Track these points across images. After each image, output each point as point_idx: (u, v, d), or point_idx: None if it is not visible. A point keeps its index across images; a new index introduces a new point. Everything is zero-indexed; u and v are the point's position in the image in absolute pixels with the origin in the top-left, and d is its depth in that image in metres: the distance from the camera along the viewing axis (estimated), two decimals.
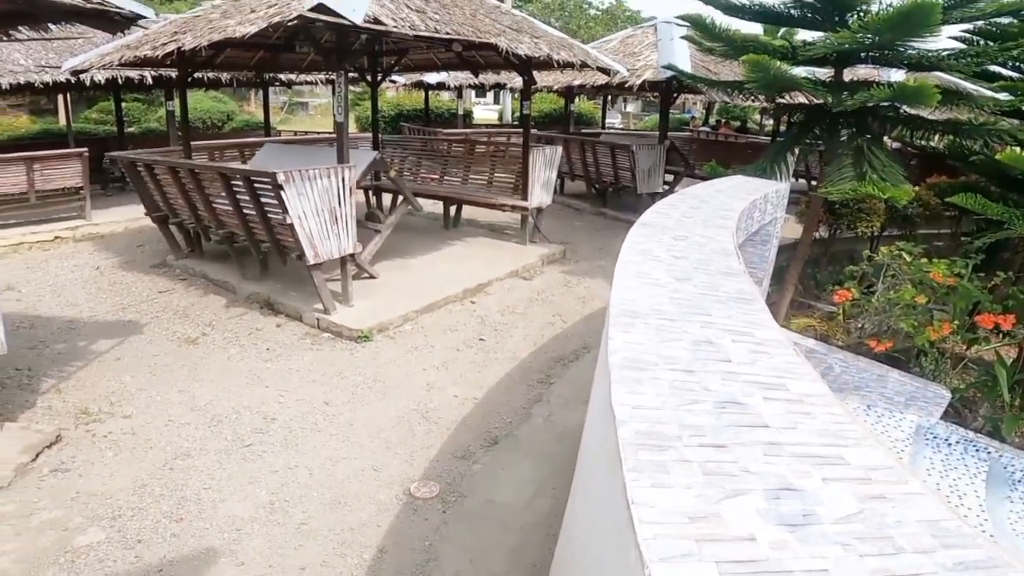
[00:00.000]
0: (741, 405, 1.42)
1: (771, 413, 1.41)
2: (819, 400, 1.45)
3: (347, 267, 5.76)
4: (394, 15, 4.89)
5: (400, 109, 19.06)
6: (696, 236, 2.83)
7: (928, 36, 5.28)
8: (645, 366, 1.55)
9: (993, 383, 4.84)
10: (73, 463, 3.81)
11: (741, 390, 1.48)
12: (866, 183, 5.39)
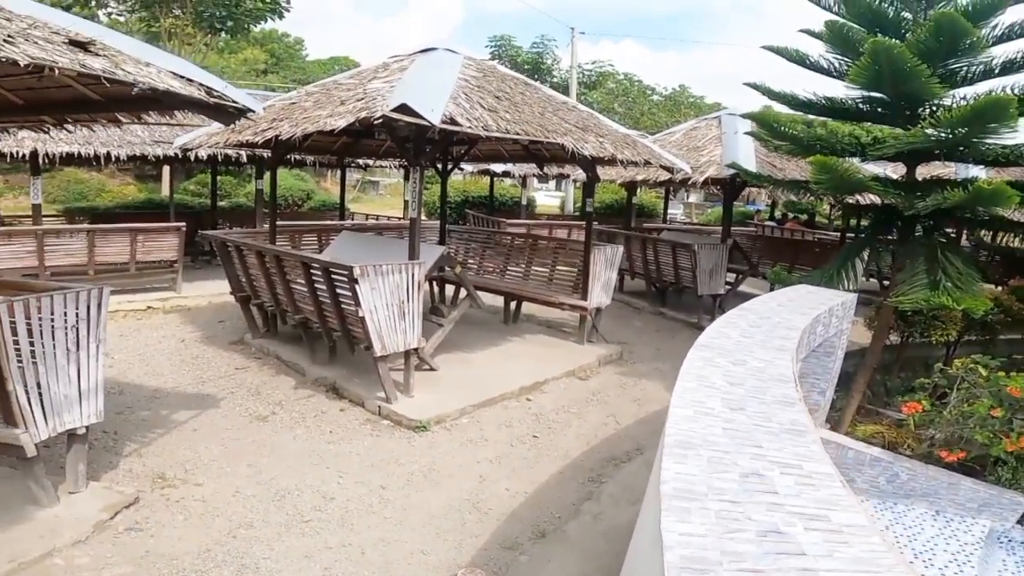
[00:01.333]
0: (782, 534, 1.47)
1: (809, 542, 1.46)
2: (859, 531, 1.48)
3: (410, 360, 5.95)
4: (468, 115, 5.24)
5: (466, 195, 19.85)
6: (754, 361, 2.84)
7: (1006, 131, 5.23)
8: (695, 496, 1.62)
9: None
10: (147, 524, 4.06)
11: (783, 520, 1.52)
12: (940, 293, 5.25)
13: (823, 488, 1.68)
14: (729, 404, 2.24)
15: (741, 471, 1.75)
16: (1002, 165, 6.06)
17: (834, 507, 1.58)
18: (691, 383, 2.43)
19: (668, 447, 1.86)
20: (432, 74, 6.08)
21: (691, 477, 1.70)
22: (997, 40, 5.63)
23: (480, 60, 7.33)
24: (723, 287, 10.49)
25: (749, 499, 1.61)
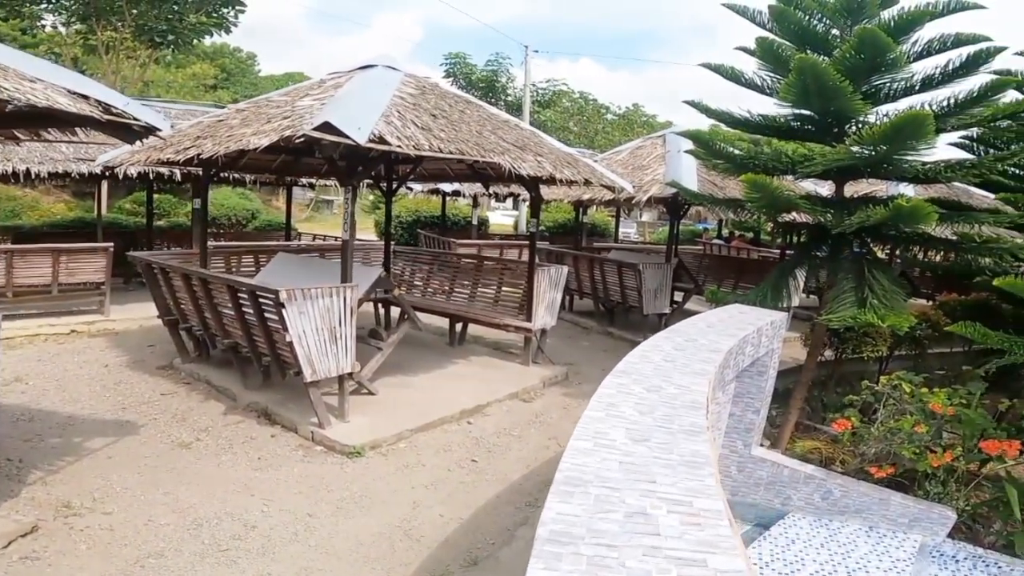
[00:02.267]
0: None
1: None
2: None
3: (344, 384, 5.79)
4: (400, 133, 5.15)
5: (418, 215, 19.71)
6: (671, 386, 2.80)
7: (924, 148, 5.36)
8: (571, 540, 1.54)
9: (1004, 502, 4.68)
10: (44, 553, 3.85)
11: (658, 567, 1.45)
12: (866, 310, 5.35)
13: (708, 528, 1.62)
14: (633, 435, 2.18)
15: (627, 510, 1.69)
16: (923, 182, 6.22)
17: (714, 550, 1.52)
18: (599, 412, 2.36)
19: (556, 484, 1.79)
20: (367, 92, 5.99)
21: (572, 518, 1.62)
22: (917, 56, 5.76)
23: (422, 78, 7.26)
24: (669, 306, 10.58)
25: (628, 542, 1.54)
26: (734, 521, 1.72)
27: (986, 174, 5.70)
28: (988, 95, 5.38)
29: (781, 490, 5.28)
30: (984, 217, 5.70)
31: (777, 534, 4.84)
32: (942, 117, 5.58)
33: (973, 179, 5.93)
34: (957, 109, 5.53)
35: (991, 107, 5.49)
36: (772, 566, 4.35)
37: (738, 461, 5.42)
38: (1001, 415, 6.39)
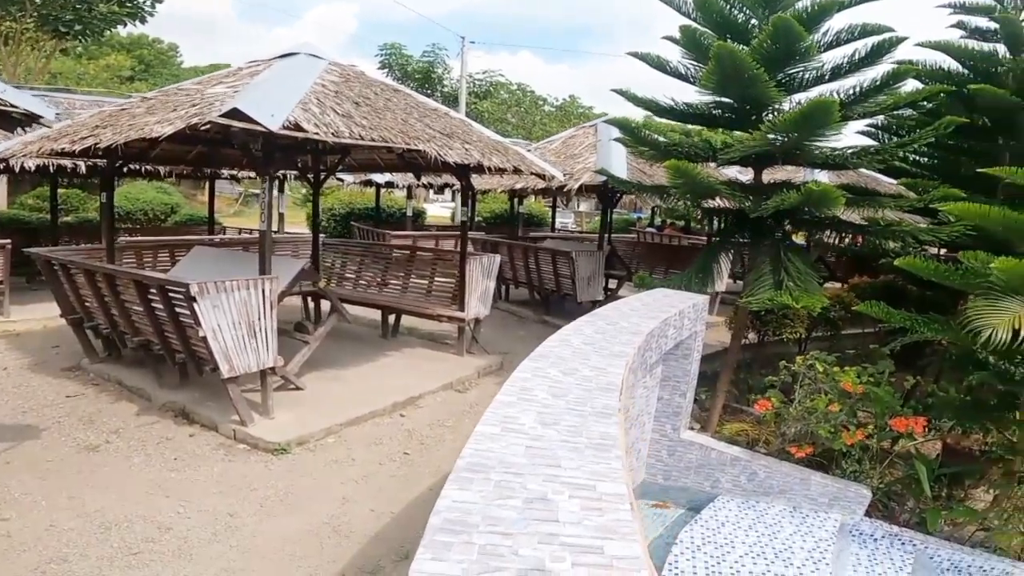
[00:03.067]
0: (544, 573, 1.37)
1: None
2: (629, 565, 1.40)
3: (267, 380, 5.58)
4: (318, 120, 4.99)
5: (352, 207, 19.26)
6: (587, 369, 2.80)
7: (832, 134, 5.58)
8: (465, 528, 1.50)
9: (916, 479, 4.91)
10: None
11: (552, 555, 1.43)
12: (782, 292, 5.54)
13: (608, 513, 1.61)
14: (543, 419, 2.16)
15: (528, 496, 1.66)
16: (833, 168, 6.46)
17: (613, 536, 1.51)
18: (510, 397, 2.33)
19: (456, 471, 1.75)
20: (286, 79, 5.79)
21: (469, 506, 1.58)
22: (828, 46, 5.95)
23: (347, 66, 7.08)
24: (602, 293, 10.72)
25: (524, 530, 1.52)
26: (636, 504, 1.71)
27: (889, 160, 5.99)
28: (890, 83, 5.64)
29: (710, 473, 5.41)
30: (887, 202, 5.99)
31: (708, 517, 4.95)
32: (849, 105, 5.82)
33: (878, 165, 6.23)
34: (862, 97, 5.78)
35: (893, 95, 5.76)
36: (704, 549, 4.43)
37: (668, 445, 5.52)
38: (910, 392, 6.76)
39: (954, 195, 5.43)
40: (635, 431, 5.17)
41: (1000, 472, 5.16)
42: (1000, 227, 4.59)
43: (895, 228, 5.84)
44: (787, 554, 4.42)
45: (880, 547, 4.84)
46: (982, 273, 4.38)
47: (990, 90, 5.95)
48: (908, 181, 6.85)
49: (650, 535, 5.02)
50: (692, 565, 4.20)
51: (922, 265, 4.80)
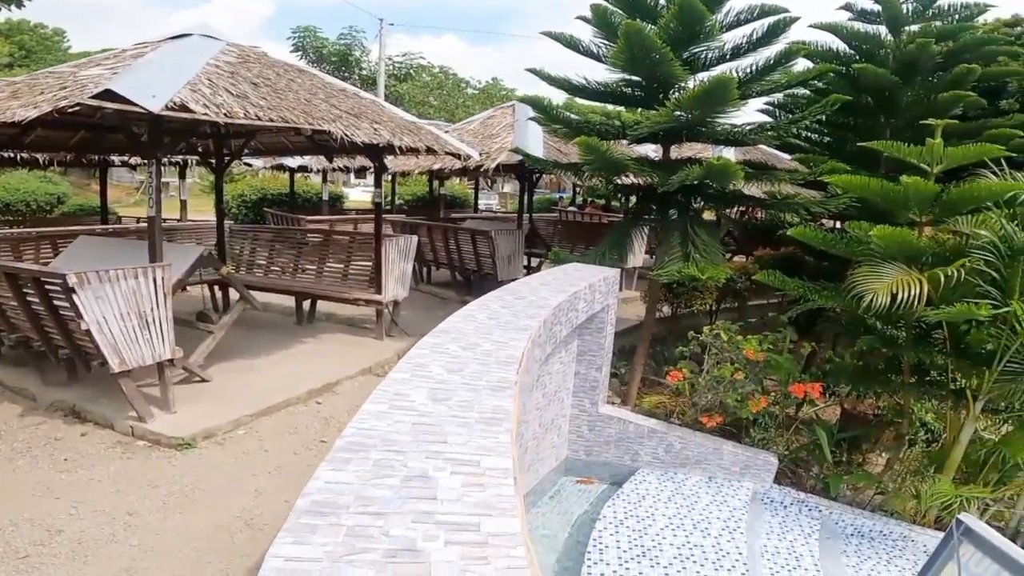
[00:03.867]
0: (415, 552, 1.34)
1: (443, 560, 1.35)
2: (505, 542, 1.39)
3: (165, 373, 5.28)
4: (208, 101, 4.74)
5: (264, 193, 18.45)
6: (488, 343, 2.77)
7: (732, 111, 5.79)
8: (334, 510, 1.45)
9: (819, 445, 5.15)
10: None
11: (425, 534, 1.40)
12: (689, 265, 5.72)
13: (490, 488, 1.60)
14: (435, 395, 2.12)
15: (408, 474, 1.63)
16: (734, 143, 6.71)
17: (491, 512, 1.50)
18: (404, 374, 2.27)
19: (334, 451, 1.69)
20: (174, 60, 5.53)
21: (342, 487, 1.53)
22: (729, 26, 6.16)
23: (248, 47, 6.81)
24: (522, 271, 10.76)
25: (399, 509, 1.49)
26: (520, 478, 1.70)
27: (784, 136, 6.30)
28: (783, 62, 5.90)
29: (629, 446, 5.53)
30: (783, 175, 6.28)
31: (629, 491, 5.05)
32: (747, 83, 6.05)
33: (773, 141, 6.53)
34: (759, 75, 6.01)
35: (786, 74, 6.04)
36: (627, 524, 4.53)
37: (588, 420, 5.60)
38: (810, 359, 7.15)
39: (840, 169, 5.75)
40: (554, 407, 5.22)
41: (891, 435, 5.53)
42: (880, 198, 4.89)
43: (790, 201, 6.14)
44: (704, 524, 4.58)
45: (790, 514, 5.06)
46: (864, 241, 4.66)
47: (872, 69, 6.31)
48: (801, 156, 7.22)
49: (575, 512, 5.11)
50: (616, 540, 4.29)
51: (811, 234, 5.06)
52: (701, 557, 4.13)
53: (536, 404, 4.72)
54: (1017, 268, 4.15)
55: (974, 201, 4.60)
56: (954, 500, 4.22)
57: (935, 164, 4.80)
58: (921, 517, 4.97)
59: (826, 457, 5.12)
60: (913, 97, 7.05)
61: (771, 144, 6.90)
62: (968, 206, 4.68)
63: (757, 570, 4.25)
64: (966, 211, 4.75)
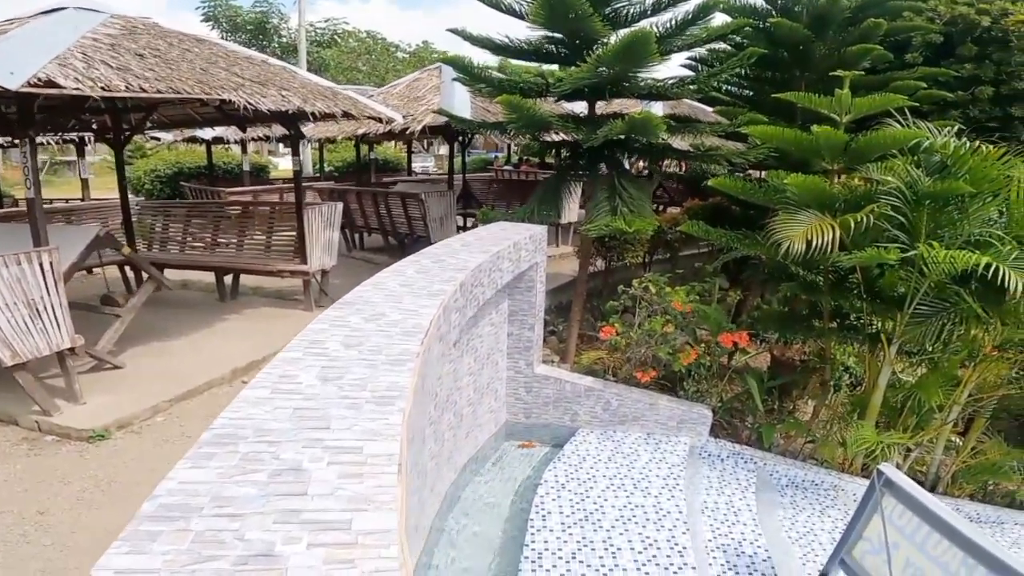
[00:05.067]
0: (271, 558, 1.22)
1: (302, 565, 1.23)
2: (377, 540, 1.27)
3: (67, 362, 4.93)
4: (81, 75, 4.36)
5: (180, 167, 17.42)
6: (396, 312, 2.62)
7: (653, 65, 5.71)
8: (182, 514, 1.30)
9: (751, 394, 5.25)
10: None
11: (286, 536, 1.28)
12: (616, 218, 5.66)
13: (369, 479, 1.48)
14: (327, 374, 1.97)
15: (278, 467, 1.49)
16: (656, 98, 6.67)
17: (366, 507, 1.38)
18: (296, 353, 2.11)
19: (197, 446, 1.54)
20: (45, 35, 5.07)
21: (198, 486, 1.39)
22: None
23: (137, 18, 6.35)
24: (455, 232, 10.57)
25: (260, 509, 1.35)
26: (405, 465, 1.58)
27: (705, 90, 6.30)
28: (701, 16, 5.84)
29: (568, 406, 5.49)
30: (704, 127, 6.30)
31: (570, 452, 5.02)
32: (667, 39, 5.97)
33: (696, 95, 6.52)
34: (678, 30, 5.94)
35: (706, 29, 5.99)
36: (568, 487, 4.49)
37: (525, 382, 5.54)
38: (740, 308, 7.29)
39: (758, 120, 5.78)
40: (488, 371, 5.13)
41: (817, 382, 5.69)
42: (794, 147, 4.96)
43: (713, 152, 6.16)
44: (644, 483, 4.59)
45: (727, 467, 5.14)
46: (781, 190, 4.73)
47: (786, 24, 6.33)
48: (723, 109, 7.26)
49: (519, 477, 5.05)
50: (558, 506, 4.26)
51: (730, 184, 5.09)
52: (643, 518, 4.14)
53: (468, 369, 4.62)
54: (923, 212, 4.26)
55: (881, 148, 4.70)
56: (876, 447, 4.33)
57: (844, 114, 4.91)
58: (849, 465, 5.16)
59: (758, 406, 5.21)
60: (825, 51, 7.17)
61: (694, 98, 6.92)
62: (875, 153, 4.80)
63: (697, 527, 4.30)
64: (874, 158, 4.88)
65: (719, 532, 4.26)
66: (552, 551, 3.76)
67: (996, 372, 4.71)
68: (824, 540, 4.45)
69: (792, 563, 4.17)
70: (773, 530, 4.53)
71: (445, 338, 2.82)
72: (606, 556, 3.73)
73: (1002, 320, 4.37)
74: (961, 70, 11.82)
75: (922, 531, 3.04)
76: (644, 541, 3.88)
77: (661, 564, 3.64)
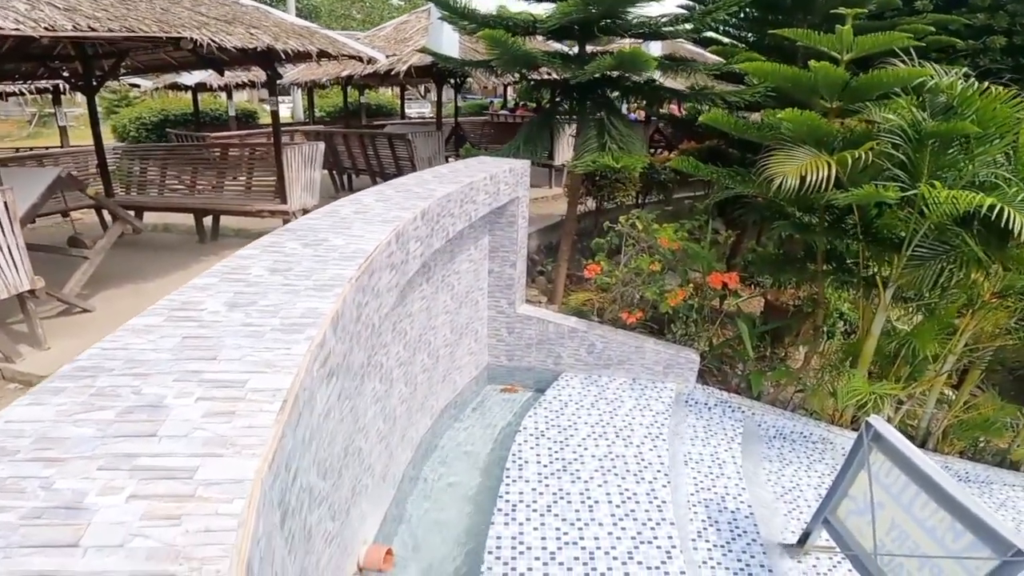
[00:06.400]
0: (76, 511, 1.04)
1: (111, 521, 1.04)
2: (220, 493, 1.09)
3: (28, 306, 4.75)
4: (22, 16, 4.08)
5: (166, 114, 17.04)
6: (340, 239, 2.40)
7: (644, 3, 5.39)
8: (9, 453, 1.10)
9: (741, 339, 5.06)
10: None
11: (105, 486, 1.10)
12: (604, 155, 5.41)
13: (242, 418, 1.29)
14: (237, 300, 1.77)
15: (133, 404, 1.30)
16: (649, 37, 6.35)
17: (223, 451, 1.20)
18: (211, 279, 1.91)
19: (49, 379, 1.34)
20: None
21: (23, 426, 1.20)
22: None
23: None
24: None
25: (89, 452, 1.17)
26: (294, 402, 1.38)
27: (700, 28, 5.98)
28: None
29: (551, 349, 5.30)
30: (699, 66, 5.99)
31: (552, 398, 4.84)
32: None
33: (692, 35, 6.18)
34: None
35: None
36: (548, 435, 4.32)
37: (507, 322, 5.35)
38: (735, 250, 7.06)
39: (754, 58, 5.48)
40: (467, 310, 4.94)
41: (810, 328, 5.50)
42: (791, 84, 4.69)
43: (707, 92, 5.85)
44: (627, 432, 4.41)
45: (713, 416, 4.96)
46: (775, 127, 4.48)
47: None
48: (720, 49, 6.91)
49: (499, 423, 4.90)
50: (536, 454, 4.08)
51: (723, 119, 4.83)
52: (623, 469, 3.98)
53: (444, 307, 4.43)
54: (925, 153, 4.03)
55: (882, 87, 4.48)
56: (868, 398, 4.20)
57: (845, 52, 4.67)
58: (839, 417, 5.02)
59: (748, 352, 5.02)
60: None
61: (690, 38, 6.56)
62: (876, 92, 4.58)
63: (679, 480, 4.14)
64: (874, 97, 4.66)
65: (702, 486, 4.11)
66: (527, 503, 3.62)
67: (994, 321, 4.52)
68: (810, 497, 4.32)
69: (775, 520, 4.03)
70: (758, 484, 4.40)
71: (401, 269, 2.61)
72: (582, 509, 3.59)
73: (1004, 265, 4.20)
74: (973, 19, 11.33)
75: (909, 491, 2.90)
76: (623, 494, 3.73)
77: (639, 519, 3.50)
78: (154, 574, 0.96)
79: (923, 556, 2.75)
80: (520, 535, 3.35)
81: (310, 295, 1.78)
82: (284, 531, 1.41)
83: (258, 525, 1.10)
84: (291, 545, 1.53)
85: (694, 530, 3.67)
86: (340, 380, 1.81)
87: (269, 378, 1.39)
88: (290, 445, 1.34)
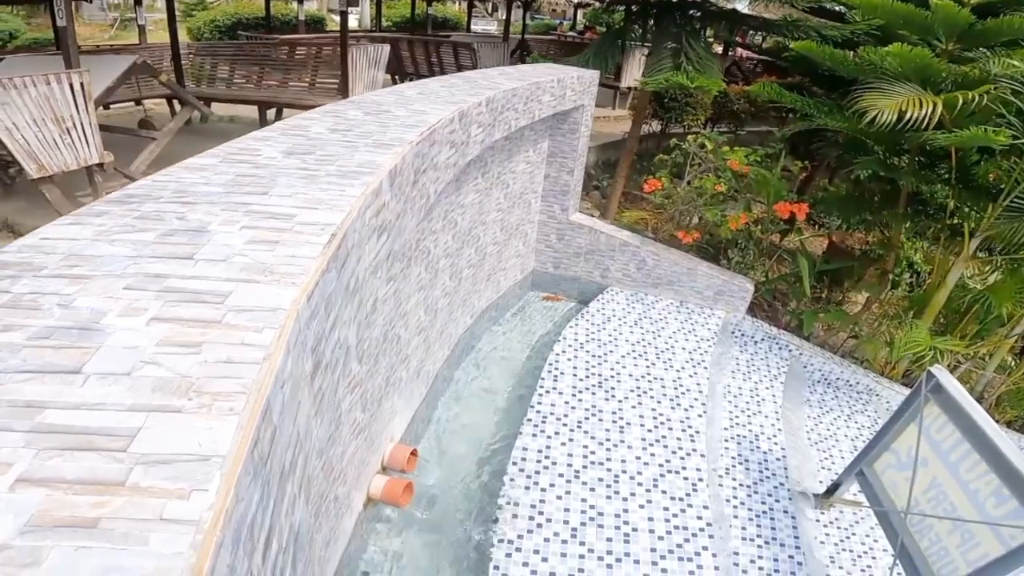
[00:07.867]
0: (91, 332, 0.99)
1: (127, 345, 0.98)
2: (250, 321, 1.02)
3: (95, 179, 4.95)
4: None
5: (238, 18, 17.28)
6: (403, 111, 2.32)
7: None
8: (20, 272, 1.09)
9: (800, 278, 4.85)
10: None
11: (127, 307, 1.04)
12: (679, 73, 5.12)
13: (286, 247, 1.22)
14: (294, 149, 1.73)
15: (174, 228, 1.25)
16: None
17: (262, 278, 1.13)
18: (272, 132, 1.86)
19: (96, 203, 1.32)
20: None
21: (56, 243, 1.16)
22: None
23: None
24: None
25: (117, 271, 1.10)
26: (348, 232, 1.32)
27: None
28: None
29: (600, 260, 5.18)
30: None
31: (595, 310, 4.73)
32: None
33: None
34: None
35: None
36: (587, 348, 4.22)
37: (557, 228, 5.24)
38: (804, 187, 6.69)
39: None
40: (519, 210, 4.85)
41: (875, 273, 5.22)
42: (901, 20, 4.28)
43: (800, 23, 5.40)
44: (668, 355, 4.28)
45: (759, 351, 4.78)
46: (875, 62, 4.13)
47: None
48: None
49: (538, 331, 4.84)
50: (572, 366, 3.99)
51: (817, 49, 4.47)
52: (659, 392, 3.87)
53: (497, 205, 4.35)
54: None
55: (1012, 33, 4.01)
56: (927, 352, 3.97)
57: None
58: (891, 368, 4.79)
59: (804, 290, 4.81)
60: None
61: None
62: (1004, 38, 4.12)
63: (716, 412, 4.03)
64: (998, 43, 4.21)
65: (737, 421, 3.98)
66: (558, 416, 3.56)
67: None
68: (845, 448, 4.14)
69: (807, 467, 3.88)
70: (795, 428, 4.24)
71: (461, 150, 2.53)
72: (613, 429, 3.51)
73: None
74: None
75: (960, 449, 2.72)
76: (657, 419, 3.65)
77: (670, 446, 3.42)
78: (156, 408, 0.87)
79: (958, 519, 2.61)
80: (547, 448, 3.31)
81: (369, 150, 1.73)
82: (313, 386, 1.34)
83: (285, 363, 1.01)
84: (319, 407, 1.46)
85: (723, 466, 3.56)
86: (391, 240, 1.76)
87: (320, 214, 1.34)
88: (332, 284, 1.28)
